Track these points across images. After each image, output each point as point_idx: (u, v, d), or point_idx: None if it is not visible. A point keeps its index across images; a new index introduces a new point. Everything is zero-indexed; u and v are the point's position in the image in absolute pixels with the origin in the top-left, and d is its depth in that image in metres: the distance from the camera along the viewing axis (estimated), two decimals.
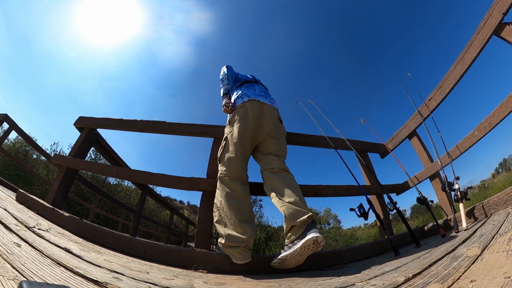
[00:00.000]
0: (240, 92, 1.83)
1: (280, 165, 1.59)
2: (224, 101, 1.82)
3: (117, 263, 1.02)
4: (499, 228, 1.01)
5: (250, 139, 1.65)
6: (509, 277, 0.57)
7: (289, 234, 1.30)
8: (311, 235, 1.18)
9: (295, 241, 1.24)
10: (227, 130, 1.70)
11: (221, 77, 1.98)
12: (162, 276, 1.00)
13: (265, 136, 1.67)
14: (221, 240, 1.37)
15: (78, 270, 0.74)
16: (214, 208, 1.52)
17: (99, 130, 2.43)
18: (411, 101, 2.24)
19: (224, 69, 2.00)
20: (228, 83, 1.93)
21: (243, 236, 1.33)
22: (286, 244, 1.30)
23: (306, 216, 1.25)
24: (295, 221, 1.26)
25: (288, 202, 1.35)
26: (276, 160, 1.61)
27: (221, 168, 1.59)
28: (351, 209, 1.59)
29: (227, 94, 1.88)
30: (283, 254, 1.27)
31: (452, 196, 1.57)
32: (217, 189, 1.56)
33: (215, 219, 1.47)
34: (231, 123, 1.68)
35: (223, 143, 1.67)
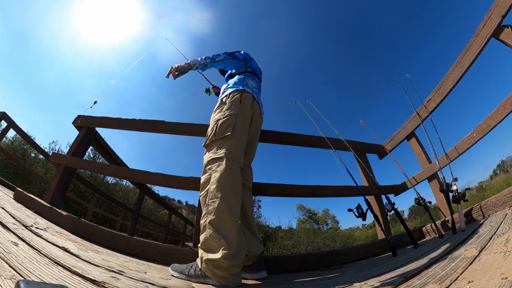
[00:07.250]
0: (253, 83, 1.58)
1: (251, 182, 1.49)
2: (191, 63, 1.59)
3: (115, 263, 1.02)
4: (497, 229, 1.01)
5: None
6: (506, 278, 0.58)
7: None
8: (261, 275, 1.20)
9: (244, 268, 1.20)
10: (234, 107, 1.35)
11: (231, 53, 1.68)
12: (159, 275, 1.00)
13: (252, 144, 1.51)
14: (213, 256, 1.01)
15: (76, 270, 0.74)
16: (206, 199, 1.15)
17: (97, 129, 2.42)
18: (409, 103, 2.24)
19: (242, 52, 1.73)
20: (225, 58, 1.65)
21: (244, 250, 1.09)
22: None
23: (260, 251, 1.27)
24: (249, 251, 1.19)
25: (249, 230, 1.30)
26: (251, 175, 1.50)
27: (227, 146, 1.22)
28: (349, 210, 1.59)
29: (204, 64, 1.62)
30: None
31: (450, 197, 1.57)
32: (209, 170, 1.20)
33: (210, 217, 1.09)
34: (242, 102, 1.39)
35: (230, 118, 1.30)
